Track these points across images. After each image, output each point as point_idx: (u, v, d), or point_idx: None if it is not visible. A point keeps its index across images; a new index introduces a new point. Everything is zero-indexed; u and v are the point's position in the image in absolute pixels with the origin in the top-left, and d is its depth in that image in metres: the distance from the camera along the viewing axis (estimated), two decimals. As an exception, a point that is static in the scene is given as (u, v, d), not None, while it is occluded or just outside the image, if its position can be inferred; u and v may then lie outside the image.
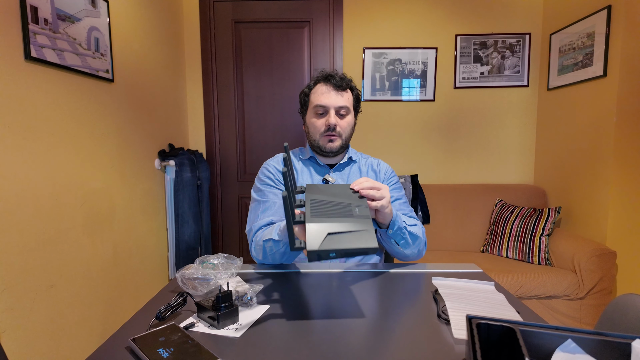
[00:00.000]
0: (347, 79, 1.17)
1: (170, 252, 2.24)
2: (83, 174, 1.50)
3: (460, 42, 2.55)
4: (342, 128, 1.16)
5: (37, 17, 1.26)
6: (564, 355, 0.50)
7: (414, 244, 1.06)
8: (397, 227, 1.00)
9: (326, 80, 1.16)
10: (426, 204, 2.43)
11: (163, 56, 2.24)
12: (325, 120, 1.14)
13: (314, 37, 2.59)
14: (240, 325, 0.70)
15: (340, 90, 1.15)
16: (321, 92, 1.15)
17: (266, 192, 1.16)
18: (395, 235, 1.01)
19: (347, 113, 1.17)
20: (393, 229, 0.99)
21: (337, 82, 1.14)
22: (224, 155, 2.70)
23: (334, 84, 1.14)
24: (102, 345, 0.64)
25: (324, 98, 1.14)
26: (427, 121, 2.62)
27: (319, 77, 1.18)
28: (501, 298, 0.79)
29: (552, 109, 2.41)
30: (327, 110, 1.14)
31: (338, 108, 1.14)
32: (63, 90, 1.40)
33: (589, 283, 1.85)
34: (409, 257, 1.08)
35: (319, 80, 1.18)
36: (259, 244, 1.03)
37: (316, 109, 1.15)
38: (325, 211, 0.77)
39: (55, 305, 1.35)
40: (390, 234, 1.00)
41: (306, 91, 1.20)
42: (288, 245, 0.91)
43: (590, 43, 2.05)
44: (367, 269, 1.01)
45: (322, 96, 1.14)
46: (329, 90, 1.14)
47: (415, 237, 1.06)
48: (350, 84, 1.18)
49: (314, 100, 1.16)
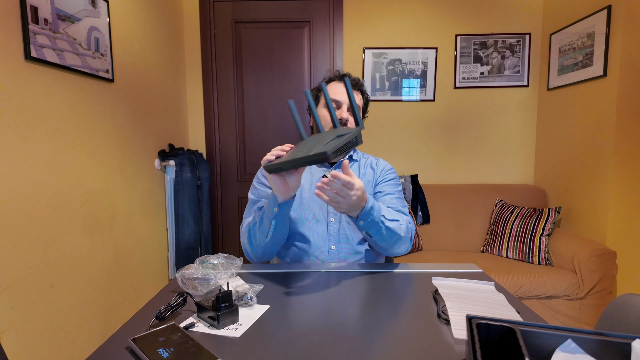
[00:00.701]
0: (360, 82, 1.25)
1: (170, 252, 2.24)
2: (83, 174, 1.51)
3: (460, 42, 2.55)
4: (351, 124, 1.18)
5: (37, 17, 1.26)
6: (564, 355, 0.50)
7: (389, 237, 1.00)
8: (371, 220, 0.95)
9: (341, 79, 1.22)
10: (426, 204, 2.43)
11: (163, 56, 2.24)
12: (338, 115, 1.17)
13: (314, 37, 2.59)
14: (240, 325, 0.70)
15: (355, 90, 1.22)
16: (336, 88, 1.20)
17: (260, 190, 1.18)
18: (368, 226, 0.96)
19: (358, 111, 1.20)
20: (365, 220, 0.94)
21: (353, 81, 1.22)
22: (224, 155, 2.70)
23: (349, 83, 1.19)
24: (102, 345, 0.64)
25: (339, 94, 1.19)
26: (427, 121, 2.62)
27: (335, 77, 1.24)
28: (501, 298, 0.79)
29: (552, 109, 2.41)
30: (340, 105, 1.18)
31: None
32: (63, 90, 1.40)
33: (589, 283, 1.85)
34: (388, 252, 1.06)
35: (333, 79, 1.24)
36: (245, 230, 1.09)
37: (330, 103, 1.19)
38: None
39: (55, 305, 1.35)
40: (362, 225, 0.95)
41: (319, 87, 1.24)
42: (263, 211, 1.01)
43: (590, 43, 2.05)
44: (367, 269, 1.01)
45: (337, 92, 1.19)
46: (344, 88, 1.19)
47: (392, 233, 1.00)
48: (363, 87, 1.25)
49: (330, 94, 1.20)
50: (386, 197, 1.16)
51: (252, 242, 1.06)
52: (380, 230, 0.97)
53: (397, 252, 1.08)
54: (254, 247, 1.07)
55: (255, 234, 1.05)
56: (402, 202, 1.18)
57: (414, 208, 2.42)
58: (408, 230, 1.07)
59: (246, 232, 1.08)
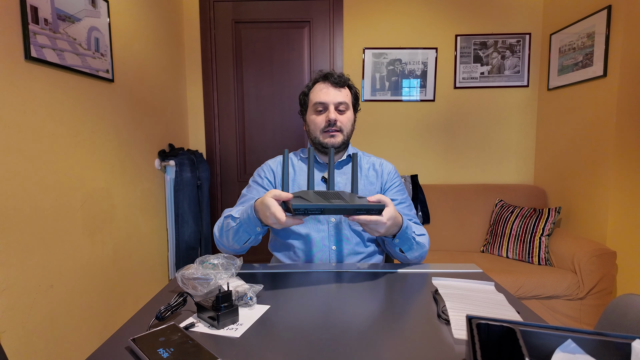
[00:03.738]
0: (344, 76, 1.19)
1: (170, 252, 2.24)
2: (83, 174, 1.50)
3: (460, 42, 2.55)
4: (342, 123, 1.17)
5: (37, 17, 1.26)
6: (564, 355, 0.50)
7: (417, 250, 1.07)
8: (405, 238, 1.01)
9: (324, 78, 1.18)
10: (426, 204, 2.43)
11: (163, 56, 2.24)
12: (325, 117, 1.15)
13: (314, 37, 2.59)
14: (240, 325, 0.70)
15: (339, 87, 1.16)
16: (320, 89, 1.17)
17: (253, 188, 1.19)
18: (402, 243, 1.02)
19: (347, 109, 1.18)
20: (401, 239, 1.00)
21: (335, 80, 1.16)
22: (224, 155, 2.70)
23: (332, 81, 1.16)
24: (102, 345, 0.64)
25: (323, 95, 1.15)
26: (427, 121, 2.62)
27: (317, 77, 1.20)
28: (501, 298, 0.79)
29: (552, 109, 2.41)
30: (327, 106, 1.15)
31: (337, 104, 1.15)
32: (63, 90, 1.40)
33: (589, 283, 1.85)
34: (410, 261, 1.09)
35: (317, 80, 1.19)
36: (221, 223, 1.06)
37: (316, 106, 1.16)
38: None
39: (55, 305, 1.35)
40: (397, 243, 1.01)
41: (305, 91, 1.21)
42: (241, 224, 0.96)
43: (590, 43, 2.05)
44: (367, 269, 1.01)
45: (320, 93, 1.16)
46: (327, 87, 1.16)
47: (421, 246, 1.07)
48: (348, 81, 1.20)
49: (313, 98, 1.17)
50: (399, 206, 1.17)
51: (223, 240, 1.05)
52: (412, 245, 1.04)
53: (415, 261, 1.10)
54: (224, 245, 1.06)
55: (228, 237, 1.02)
56: (413, 209, 1.21)
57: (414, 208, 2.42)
58: (427, 241, 1.12)
59: (220, 226, 1.05)
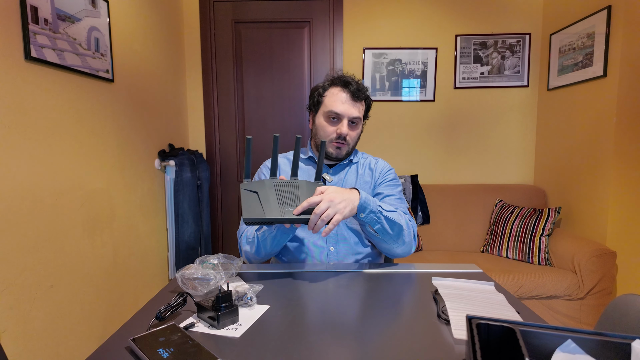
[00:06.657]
0: (363, 88, 1.15)
1: (170, 252, 2.24)
2: (83, 174, 1.50)
3: (460, 42, 2.55)
4: (351, 138, 1.16)
5: (37, 17, 1.26)
6: (564, 355, 0.50)
7: (395, 233, 1.02)
8: (369, 211, 0.97)
9: (344, 85, 1.14)
10: (426, 204, 2.43)
11: (163, 56, 2.24)
12: (337, 129, 1.13)
13: (314, 37, 2.59)
14: (240, 325, 0.70)
15: (357, 101, 1.14)
16: (338, 98, 1.13)
17: None
18: (369, 220, 0.98)
19: (358, 123, 1.17)
20: (364, 212, 0.97)
21: (355, 92, 1.13)
22: (224, 155, 2.70)
23: (352, 92, 1.13)
24: (102, 345, 0.64)
25: (340, 106, 1.12)
26: (427, 121, 2.62)
27: (337, 81, 1.16)
28: (501, 298, 0.79)
29: (552, 109, 2.41)
30: (341, 118, 1.13)
31: (351, 119, 1.14)
32: (63, 90, 1.40)
33: (589, 283, 1.85)
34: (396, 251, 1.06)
35: (336, 84, 1.15)
36: (250, 238, 1.09)
37: (329, 114, 1.14)
38: None
39: (55, 305, 1.35)
40: (362, 219, 0.98)
41: (321, 91, 1.18)
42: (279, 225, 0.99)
43: (590, 43, 2.05)
44: (367, 269, 1.01)
45: (337, 103, 1.13)
46: (346, 100, 1.13)
47: (394, 223, 1.01)
48: (366, 93, 1.17)
49: (329, 105, 1.14)
50: (385, 199, 1.16)
51: (261, 252, 1.07)
52: (381, 220, 0.99)
53: (403, 252, 1.07)
54: (261, 254, 1.09)
55: (265, 244, 1.05)
56: (403, 202, 1.18)
57: (414, 208, 2.42)
58: (409, 226, 1.07)
59: (254, 243, 1.07)
